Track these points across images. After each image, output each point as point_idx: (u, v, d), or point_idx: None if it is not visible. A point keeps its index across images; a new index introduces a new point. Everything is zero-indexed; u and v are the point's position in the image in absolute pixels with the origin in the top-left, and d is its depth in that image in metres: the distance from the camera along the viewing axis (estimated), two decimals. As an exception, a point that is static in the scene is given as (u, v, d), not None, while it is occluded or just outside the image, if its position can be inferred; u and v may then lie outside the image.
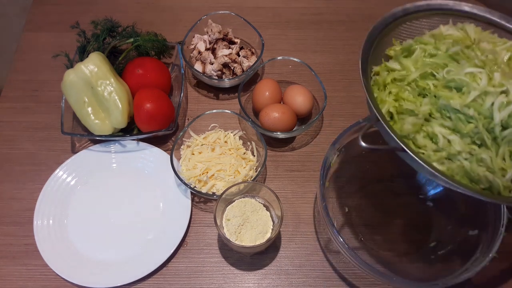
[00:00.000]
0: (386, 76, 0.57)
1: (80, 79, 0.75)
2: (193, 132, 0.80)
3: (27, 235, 0.73)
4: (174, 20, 0.99)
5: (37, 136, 0.84)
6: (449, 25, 0.60)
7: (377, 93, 0.57)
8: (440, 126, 0.51)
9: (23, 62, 0.93)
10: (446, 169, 0.51)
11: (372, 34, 0.58)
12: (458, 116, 0.50)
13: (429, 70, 0.53)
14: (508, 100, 0.47)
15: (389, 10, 0.60)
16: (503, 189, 0.50)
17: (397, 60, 0.57)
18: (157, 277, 0.70)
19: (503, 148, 0.48)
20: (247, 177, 0.75)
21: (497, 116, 0.47)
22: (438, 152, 0.51)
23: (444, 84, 0.51)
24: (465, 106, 0.49)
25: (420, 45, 0.57)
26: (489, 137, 0.48)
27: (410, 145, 0.53)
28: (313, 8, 1.02)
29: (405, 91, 0.54)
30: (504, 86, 0.48)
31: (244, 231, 0.68)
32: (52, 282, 0.70)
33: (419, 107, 0.52)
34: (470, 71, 0.50)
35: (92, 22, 0.84)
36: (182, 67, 0.85)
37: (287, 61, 0.86)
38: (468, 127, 0.49)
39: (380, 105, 0.55)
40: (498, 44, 0.57)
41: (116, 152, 0.81)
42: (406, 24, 0.61)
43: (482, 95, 0.48)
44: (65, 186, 0.77)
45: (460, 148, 0.49)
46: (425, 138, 0.52)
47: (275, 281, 0.71)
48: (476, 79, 0.49)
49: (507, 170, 0.48)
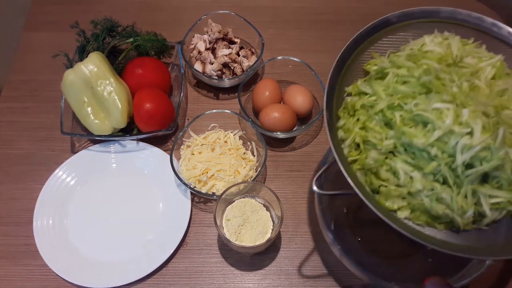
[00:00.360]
0: (356, 102, 0.55)
1: (80, 79, 0.75)
2: (193, 132, 0.80)
3: (27, 235, 0.73)
4: (174, 20, 0.99)
5: (37, 136, 0.84)
6: (434, 35, 0.57)
7: (345, 119, 0.55)
8: (402, 162, 0.50)
9: (23, 62, 0.93)
10: (407, 204, 0.50)
11: (346, 53, 0.56)
12: (421, 153, 0.48)
13: (397, 102, 0.51)
14: (471, 144, 0.45)
15: (389, 10, 0.60)
16: (463, 226, 0.50)
17: (369, 83, 0.55)
18: (157, 277, 0.70)
19: (465, 187, 0.47)
20: (247, 177, 0.75)
21: (459, 158, 0.46)
22: (399, 187, 0.50)
23: (411, 117, 0.49)
24: (428, 145, 0.47)
25: (393, 69, 0.54)
26: (451, 176, 0.47)
27: (373, 180, 0.52)
28: (313, 8, 1.02)
29: (372, 120, 0.52)
30: (470, 126, 0.46)
31: (244, 231, 0.68)
32: (52, 282, 0.70)
33: (383, 140, 0.51)
34: (437, 106, 0.47)
35: (92, 22, 0.84)
36: (182, 67, 0.85)
37: (287, 61, 0.86)
38: (431, 166, 0.48)
39: (346, 135, 0.54)
40: (483, 59, 0.55)
41: (115, 152, 0.81)
42: (389, 37, 0.59)
43: (447, 134, 0.47)
44: (65, 186, 0.77)
45: (421, 186, 0.48)
46: (388, 172, 0.51)
47: (275, 281, 0.71)
48: (443, 116, 0.47)
49: (467, 209, 0.47)
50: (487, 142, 0.45)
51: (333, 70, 0.54)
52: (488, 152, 0.46)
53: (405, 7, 1.09)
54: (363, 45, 0.57)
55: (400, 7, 1.02)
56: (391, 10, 0.56)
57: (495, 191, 0.47)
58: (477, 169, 0.46)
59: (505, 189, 0.47)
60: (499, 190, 0.48)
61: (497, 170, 0.47)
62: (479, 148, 0.45)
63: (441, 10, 0.58)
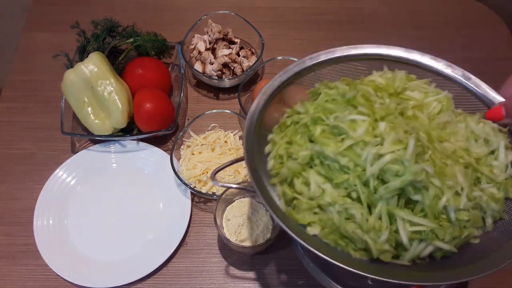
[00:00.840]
0: (287, 119, 0.55)
1: (80, 79, 0.75)
2: (193, 132, 0.80)
3: (27, 235, 0.73)
4: (174, 20, 0.99)
5: (37, 136, 0.84)
6: (383, 71, 0.57)
7: (276, 134, 0.55)
8: (316, 173, 0.47)
9: (23, 62, 0.93)
10: (318, 219, 0.47)
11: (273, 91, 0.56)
12: (334, 165, 0.46)
13: (321, 115, 0.49)
14: (379, 152, 0.42)
15: (389, 10, 0.60)
16: (377, 253, 0.44)
17: (303, 103, 0.55)
18: (157, 277, 0.70)
19: (380, 206, 0.43)
20: (247, 177, 0.75)
21: (368, 169, 0.43)
22: (311, 200, 0.47)
23: (330, 131, 0.48)
24: (338, 154, 0.45)
25: (325, 90, 0.54)
26: (364, 192, 0.44)
27: (286, 190, 0.49)
28: (313, 8, 1.02)
29: (298, 134, 0.51)
30: (382, 137, 0.43)
31: (244, 231, 0.68)
32: (52, 282, 0.70)
33: (301, 152, 0.49)
34: (352, 118, 0.46)
35: (92, 22, 0.84)
36: (182, 67, 0.85)
37: (287, 61, 0.86)
38: (341, 178, 0.45)
39: (271, 147, 0.53)
40: (430, 94, 0.54)
41: (116, 152, 0.81)
42: (342, 65, 0.59)
43: (359, 144, 0.44)
44: (65, 186, 0.77)
45: (330, 199, 0.45)
46: (303, 185, 0.48)
47: (275, 281, 0.71)
48: (356, 126, 0.45)
49: (379, 231, 0.43)
50: (398, 154, 0.42)
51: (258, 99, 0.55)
52: (401, 166, 0.42)
53: (404, 7, 1.10)
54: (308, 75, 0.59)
55: (399, 6, 1.02)
56: (390, 10, 0.56)
57: (414, 217, 0.43)
58: (390, 184, 0.42)
59: (429, 217, 0.43)
60: (421, 217, 0.43)
61: (417, 192, 0.43)
62: (389, 159, 0.42)
63: (391, 49, 0.58)
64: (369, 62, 0.59)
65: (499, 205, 0.47)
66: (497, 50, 0.96)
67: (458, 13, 1.01)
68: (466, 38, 0.98)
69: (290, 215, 0.48)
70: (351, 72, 0.60)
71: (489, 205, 0.46)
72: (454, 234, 0.44)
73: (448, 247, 0.44)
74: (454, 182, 0.44)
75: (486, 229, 0.47)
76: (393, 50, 0.59)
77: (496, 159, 0.49)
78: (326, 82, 0.56)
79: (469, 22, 1.00)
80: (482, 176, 0.48)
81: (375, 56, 0.59)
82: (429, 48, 0.95)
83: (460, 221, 0.44)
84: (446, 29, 0.99)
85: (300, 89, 0.82)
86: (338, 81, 0.56)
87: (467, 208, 0.44)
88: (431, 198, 0.43)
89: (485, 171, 0.48)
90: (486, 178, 0.48)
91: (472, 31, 0.98)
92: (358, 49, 0.59)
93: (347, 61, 0.59)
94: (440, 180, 0.43)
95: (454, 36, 0.98)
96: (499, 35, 0.98)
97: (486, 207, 0.46)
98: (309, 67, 0.59)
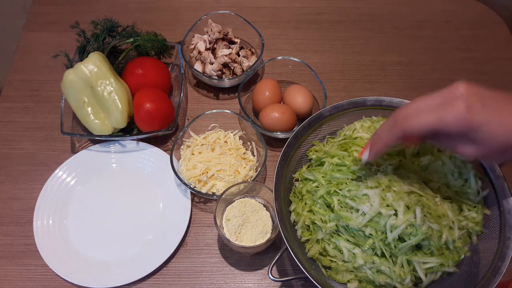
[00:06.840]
0: (302, 188, 0.63)
1: (80, 79, 0.75)
2: (193, 132, 0.80)
3: (27, 235, 0.73)
4: (174, 20, 0.99)
5: (37, 136, 0.84)
6: (363, 120, 0.66)
7: (296, 203, 0.64)
8: (344, 240, 0.57)
9: (23, 62, 0.93)
10: (354, 276, 0.58)
11: (288, 148, 0.65)
12: (358, 233, 0.56)
13: (333, 189, 0.58)
14: (396, 224, 0.52)
15: (388, 10, 0.60)
16: None
17: (311, 171, 0.63)
18: (157, 277, 0.70)
19: (401, 258, 0.54)
20: (247, 177, 0.75)
21: (389, 236, 0.53)
22: (346, 263, 0.57)
23: (345, 202, 0.57)
24: (362, 226, 0.55)
25: (328, 159, 0.62)
26: (387, 250, 0.54)
27: (323, 259, 0.60)
28: (313, 8, 1.02)
29: (317, 204, 0.60)
30: (394, 208, 0.53)
31: (244, 231, 0.68)
32: (52, 282, 0.70)
33: (327, 222, 0.58)
34: (365, 192, 0.55)
35: (92, 22, 0.84)
36: (182, 67, 0.85)
37: (287, 61, 0.86)
38: (367, 243, 0.55)
39: (298, 217, 0.62)
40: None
41: (116, 152, 0.81)
42: (324, 126, 0.68)
43: (377, 215, 0.54)
44: (65, 186, 0.77)
45: (362, 261, 0.55)
46: (335, 249, 0.58)
47: (275, 281, 0.70)
48: (371, 200, 0.54)
49: (405, 277, 0.54)
50: (410, 221, 0.52)
51: (278, 165, 0.63)
52: (413, 228, 0.52)
53: (404, 6, 1.10)
54: (303, 138, 0.67)
55: (399, 7, 1.02)
56: (390, 10, 0.56)
57: (426, 258, 0.54)
58: (407, 243, 0.53)
59: (436, 254, 0.54)
60: (430, 256, 0.54)
61: (425, 240, 0.53)
62: (404, 227, 0.52)
63: (367, 99, 0.67)
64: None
65: (480, 226, 0.58)
66: (497, 50, 0.96)
67: (458, 13, 1.01)
68: (466, 38, 0.98)
69: (331, 277, 0.59)
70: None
71: (474, 228, 0.58)
72: (454, 260, 0.56)
73: (452, 270, 0.56)
74: (447, 221, 0.55)
75: (473, 243, 0.59)
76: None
77: (469, 187, 0.59)
78: (328, 146, 0.65)
79: (469, 22, 1.00)
80: (463, 205, 0.58)
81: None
82: (429, 48, 0.96)
83: (456, 247, 0.56)
84: (446, 29, 0.99)
85: (299, 89, 0.82)
86: (331, 140, 0.66)
87: (460, 237, 0.56)
88: (436, 241, 0.53)
89: (464, 200, 0.58)
90: (466, 205, 0.58)
91: (472, 31, 0.98)
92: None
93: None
94: (438, 224, 0.54)
95: (454, 36, 0.98)
96: (499, 35, 0.98)
97: (471, 230, 0.58)
98: None
